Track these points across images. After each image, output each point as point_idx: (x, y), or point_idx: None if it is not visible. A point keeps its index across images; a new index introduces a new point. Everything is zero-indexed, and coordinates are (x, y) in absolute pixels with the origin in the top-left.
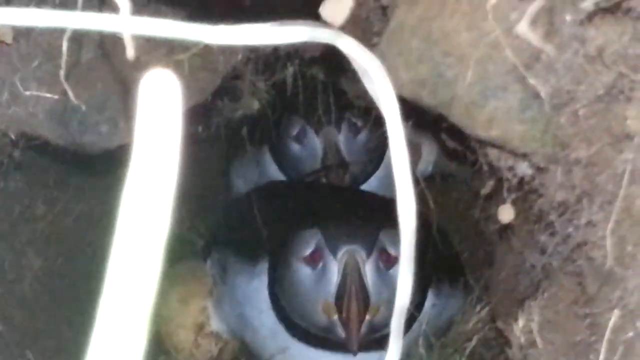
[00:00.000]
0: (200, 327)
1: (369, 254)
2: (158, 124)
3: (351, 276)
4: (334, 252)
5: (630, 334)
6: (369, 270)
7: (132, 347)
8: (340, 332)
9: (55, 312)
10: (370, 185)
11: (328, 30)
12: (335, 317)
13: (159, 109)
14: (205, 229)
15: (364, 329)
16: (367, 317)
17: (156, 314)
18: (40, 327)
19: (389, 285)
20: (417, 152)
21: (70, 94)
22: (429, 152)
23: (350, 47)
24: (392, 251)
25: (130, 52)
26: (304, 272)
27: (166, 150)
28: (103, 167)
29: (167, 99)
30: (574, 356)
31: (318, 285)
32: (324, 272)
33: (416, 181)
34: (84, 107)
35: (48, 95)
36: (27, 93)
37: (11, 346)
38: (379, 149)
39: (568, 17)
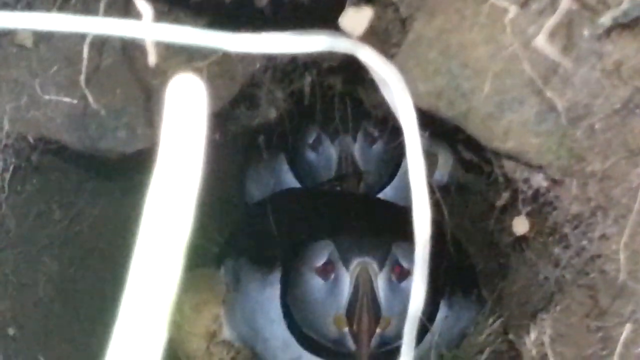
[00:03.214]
0: (212, 335)
1: (381, 267)
2: (184, 127)
3: (363, 289)
4: (347, 264)
5: None
6: (380, 283)
7: (150, 353)
8: (351, 345)
9: (70, 317)
10: (385, 195)
11: (347, 40)
12: (346, 329)
13: (185, 113)
14: (220, 236)
15: (374, 342)
16: (378, 330)
17: (169, 321)
18: (54, 332)
19: (401, 299)
20: (433, 161)
21: (90, 98)
22: (445, 162)
23: (370, 58)
24: (404, 264)
25: (151, 59)
26: (315, 283)
27: (191, 154)
28: (120, 172)
29: (194, 104)
30: None
31: (330, 297)
32: (335, 283)
33: (431, 191)
34: (102, 112)
35: (67, 99)
36: (46, 97)
37: (24, 351)
38: (395, 159)
39: (586, 32)
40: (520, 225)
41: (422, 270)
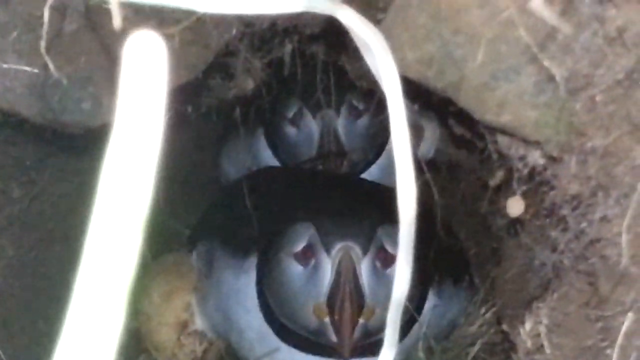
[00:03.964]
0: (183, 326)
1: (365, 252)
2: (143, 88)
3: (345, 275)
4: (328, 249)
5: None
6: (364, 270)
7: (105, 341)
8: (332, 336)
9: (30, 305)
10: (371, 174)
11: (327, 0)
12: (327, 319)
13: (144, 73)
14: (191, 217)
15: (357, 333)
16: (361, 320)
17: (136, 310)
18: (13, 322)
19: (386, 287)
20: (419, 133)
21: (51, 67)
22: (431, 134)
23: (350, 19)
24: (390, 249)
25: (117, 21)
26: (294, 270)
27: (151, 115)
28: (85, 147)
29: (153, 62)
30: None
31: (309, 285)
32: (316, 270)
33: (421, 170)
34: (65, 82)
35: (27, 68)
36: (5, 66)
37: None
38: (381, 135)
39: None
40: (515, 207)
41: (407, 251)
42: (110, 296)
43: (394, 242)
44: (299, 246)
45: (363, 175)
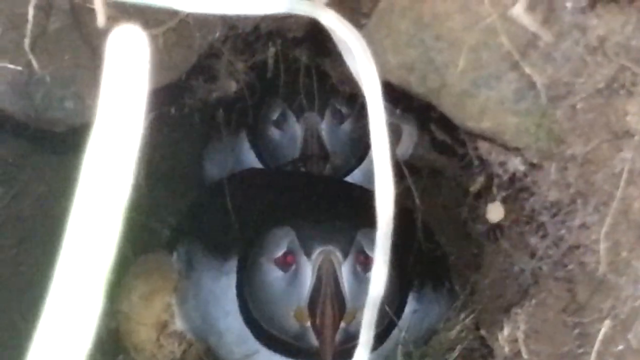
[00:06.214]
0: (163, 326)
1: (345, 256)
2: (124, 82)
3: (326, 280)
4: (308, 253)
5: (621, 346)
6: (345, 273)
7: (78, 340)
8: (313, 340)
9: (9, 304)
10: (353, 178)
11: (309, 2)
12: (308, 323)
13: (125, 67)
14: (173, 218)
15: (338, 337)
16: (343, 324)
17: (116, 310)
18: None
19: (367, 290)
20: (397, 134)
21: (35, 65)
22: (409, 135)
23: (332, 22)
24: (370, 253)
25: (101, 20)
26: (274, 275)
27: (132, 109)
28: (67, 146)
29: (135, 56)
30: None
31: (290, 289)
32: (296, 274)
33: (401, 174)
34: (49, 80)
35: (11, 66)
36: None
37: None
38: (364, 139)
39: (569, 4)
40: (495, 212)
41: (384, 250)
42: (86, 294)
43: (374, 246)
44: (279, 252)
45: (346, 179)
